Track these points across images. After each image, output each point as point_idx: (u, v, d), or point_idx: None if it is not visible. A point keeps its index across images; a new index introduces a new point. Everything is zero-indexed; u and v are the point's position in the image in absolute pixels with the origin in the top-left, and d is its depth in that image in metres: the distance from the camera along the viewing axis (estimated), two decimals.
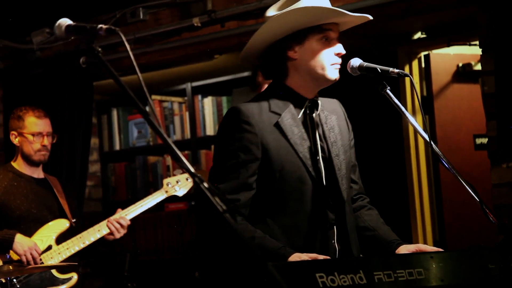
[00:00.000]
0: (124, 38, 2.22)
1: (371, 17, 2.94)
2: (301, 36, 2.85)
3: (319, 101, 2.94)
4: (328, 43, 2.85)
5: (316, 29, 2.84)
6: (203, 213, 2.87)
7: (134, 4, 5.14)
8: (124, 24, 5.20)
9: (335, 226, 2.89)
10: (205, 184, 2.03)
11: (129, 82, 2.41)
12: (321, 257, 2.66)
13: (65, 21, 2.31)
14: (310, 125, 2.90)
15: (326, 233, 2.88)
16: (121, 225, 4.34)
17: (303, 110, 2.89)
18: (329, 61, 2.85)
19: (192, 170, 2.05)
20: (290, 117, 2.87)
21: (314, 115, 2.92)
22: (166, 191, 4.49)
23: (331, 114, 3.01)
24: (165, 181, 4.51)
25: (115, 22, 5.17)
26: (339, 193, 2.91)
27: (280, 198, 2.84)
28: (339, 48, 2.87)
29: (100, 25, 2.28)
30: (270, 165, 2.81)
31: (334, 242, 2.89)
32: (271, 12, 2.90)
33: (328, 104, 3.03)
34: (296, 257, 2.67)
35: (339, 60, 2.87)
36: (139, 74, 2.29)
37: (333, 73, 2.86)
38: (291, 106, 2.88)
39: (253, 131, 2.81)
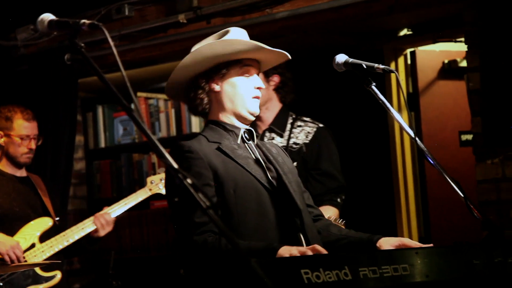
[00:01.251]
0: (107, 33, 2.20)
1: (289, 57, 3.05)
2: (223, 68, 2.96)
3: (253, 130, 3.04)
4: (247, 76, 2.97)
5: (237, 63, 2.95)
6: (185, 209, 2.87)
7: (120, 0, 5.11)
8: (110, 21, 5.18)
9: (300, 232, 2.92)
10: (189, 180, 2.02)
11: (114, 79, 2.40)
12: (309, 251, 2.67)
13: (47, 16, 2.29)
14: (250, 149, 3.00)
15: (296, 238, 2.91)
16: (107, 221, 4.33)
17: (239, 138, 2.99)
18: (249, 94, 2.96)
19: (176, 166, 2.04)
20: (230, 143, 2.96)
21: (252, 142, 3.02)
22: (150, 189, 4.48)
23: (271, 147, 3.11)
24: (149, 179, 4.50)
25: (100, 19, 5.13)
26: (293, 202, 2.95)
27: (240, 213, 2.87)
28: (259, 83, 2.98)
29: (83, 20, 2.26)
30: (223, 185, 2.87)
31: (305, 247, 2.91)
32: (196, 47, 3.04)
33: (266, 144, 3.14)
34: (286, 249, 2.68)
35: (259, 93, 2.99)
36: (123, 71, 2.28)
37: (253, 106, 2.97)
38: (227, 135, 2.98)
39: (199, 157, 2.87)
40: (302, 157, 4.05)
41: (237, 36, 2.99)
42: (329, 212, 3.99)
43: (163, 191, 4.47)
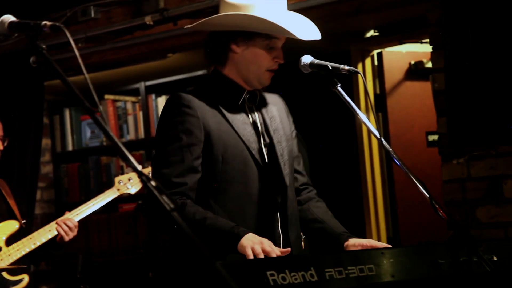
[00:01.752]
0: (68, 35, 2.18)
1: (319, 37, 2.99)
2: (249, 35, 2.86)
3: (257, 93, 2.96)
4: (271, 50, 2.89)
5: (265, 36, 2.86)
6: (151, 212, 2.86)
7: (85, 2, 5.08)
8: (75, 23, 5.14)
9: (278, 212, 2.91)
10: (152, 183, 2.00)
11: (81, 82, 2.37)
12: (273, 253, 2.66)
13: (8, 18, 2.26)
14: (250, 113, 2.94)
15: (272, 217, 2.90)
16: (69, 227, 4.25)
17: (242, 99, 2.92)
18: (266, 66, 2.89)
19: (139, 168, 2.02)
20: (231, 103, 2.90)
21: (253, 104, 2.95)
22: (118, 189, 4.43)
23: (272, 105, 3.04)
24: (117, 179, 4.45)
25: (66, 21, 5.10)
26: (281, 178, 2.93)
27: (224, 181, 2.84)
28: (280, 56, 2.91)
29: (44, 22, 2.23)
30: (213, 148, 2.82)
31: (278, 228, 2.90)
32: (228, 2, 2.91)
33: (268, 97, 3.06)
34: (249, 241, 2.66)
35: (276, 67, 2.92)
36: (85, 72, 2.25)
37: (266, 80, 2.91)
38: (231, 94, 2.91)
39: (195, 114, 2.81)
40: None
41: (272, 5, 2.86)
42: None
43: (132, 191, 4.43)
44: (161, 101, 5.99)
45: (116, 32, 5.06)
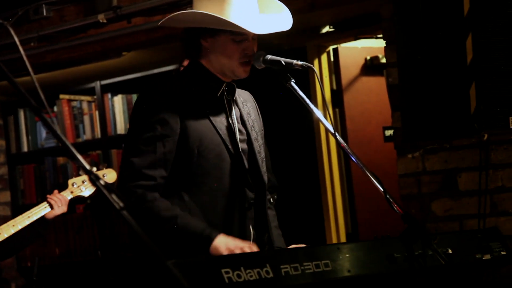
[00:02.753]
0: (12, 32, 2.13)
1: (288, 27, 3.00)
2: (213, 31, 2.85)
3: (235, 86, 2.95)
4: (239, 42, 2.86)
5: (228, 31, 2.84)
6: (100, 211, 2.82)
7: (37, 1, 5.00)
8: (28, 22, 5.06)
9: (253, 208, 2.89)
10: (101, 182, 1.97)
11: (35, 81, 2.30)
12: (246, 247, 2.65)
13: None
14: (228, 106, 2.91)
15: (244, 214, 2.88)
16: (60, 200, 4.22)
17: (220, 91, 2.90)
18: (237, 59, 2.86)
19: (87, 167, 1.98)
20: (209, 95, 2.87)
21: (231, 97, 2.93)
22: (72, 192, 4.37)
23: (246, 102, 3.03)
24: (70, 181, 4.38)
25: (18, 20, 5.02)
26: (259, 175, 2.92)
27: (198, 174, 2.81)
28: (249, 48, 2.88)
29: None
30: (189, 140, 2.79)
31: (250, 226, 2.88)
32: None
33: (241, 93, 3.06)
34: (222, 242, 2.67)
35: (246, 59, 2.88)
36: (32, 74, 2.19)
37: (241, 72, 2.88)
38: (209, 86, 2.89)
39: (172, 105, 2.78)
40: None
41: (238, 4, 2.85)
42: None
43: (86, 193, 4.38)
44: (117, 100, 5.93)
45: (69, 30, 4.99)
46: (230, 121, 2.89)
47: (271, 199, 3.16)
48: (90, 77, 5.94)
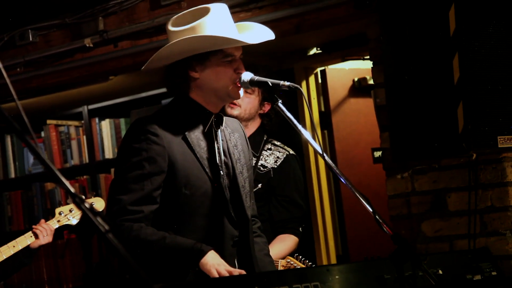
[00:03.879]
0: None
1: (272, 37, 2.99)
2: (203, 57, 2.85)
3: (223, 116, 2.94)
4: (229, 63, 2.87)
5: (218, 52, 2.85)
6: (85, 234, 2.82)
7: (23, 26, 4.98)
8: (13, 47, 5.04)
9: (238, 244, 2.87)
10: (86, 205, 1.94)
11: (23, 107, 2.28)
12: (236, 272, 2.63)
13: None
14: (216, 139, 2.90)
15: (231, 251, 2.85)
16: (45, 230, 4.18)
17: (209, 124, 2.89)
18: (230, 79, 2.86)
19: (72, 190, 1.96)
20: (197, 131, 2.86)
21: (219, 130, 2.92)
22: (58, 221, 4.33)
23: (234, 132, 3.02)
24: (57, 210, 4.34)
25: (4, 45, 5.00)
26: (243, 210, 2.91)
27: (185, 212, 2.81)
28: (240, 66, 2.89)
29: None
30: (176, 178, 2.78)
31: (236, 262, 2.86)
32: (172, 26, 2.87)
33: (230, 122, 3.05)
34: (213, 258, 2.67)
35: (239, 77, 2.88)
36: (16, 99, 2.17)
37: (236, 93, 2.88)
38: (197, 120, 2.88)
39: (161, 143, 2.77)
40: (268, 181, 4.02)
41: (218, 22, 2.84)
42: (290, 241, 4.01)
43: (73, 222, 4.33)
44: (105, 124, 5.91)
45: (56, 55, 4.98)
46: (217, 157, 2.88)
47: (261, 227, 3.14)
48: (77, 102, 5.92)
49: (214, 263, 2.67)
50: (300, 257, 3.79)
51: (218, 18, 2.86)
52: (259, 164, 4.06)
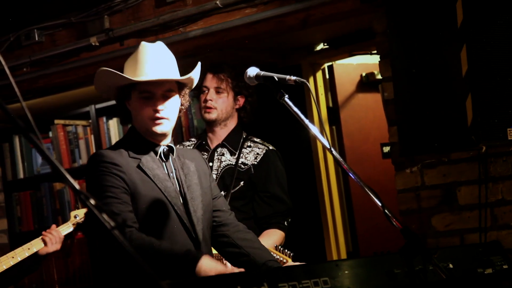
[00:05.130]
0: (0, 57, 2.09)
1: (190, 76, 3.09)
2: (127, 91, 3.01)
3: (174, 147, 3.06)
4: (147, 100, 2.97)
5: (136, 87, 2.98)
6: (92, 231, 2.85)
7: (29, 25, 4.98)
8: (19, 47, 5.04)
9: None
10: (92, 201, 1.93)
11: (29, 107, 2.30)
12: (229, 267, 2.64)
13: None
14: (168, 169, 3.02)
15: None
16: (55, 237, 4.18)
17: (158, 155, 3.01)
18: (148, 117, 2.98)
19: (77, 187, 1.94)
20: (150, 160, 2.98)
21: (170, 159, 3.04)
22: (74, 224, 4.33)
23: (190, 161, 3.13)
24: (73, 213, 4.34)
25: (10, 45, 4.99)
26: (195, 233, 2.99)
27: (150, 232, 2.88)
28: (158, 105, 2.97)
29: None
30: (138, 203, 2.89)
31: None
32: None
33: (187, 153, 3.18)
34: (208, 261, 2.73)
35: (160, 115, 2.99)
36: (21, 99, 2.15)
37: (156, 127, 2.99)
38: (148, 151, 3.01)
39: (120, 169, 2.90)
40: (250, 178, 4.04)
41: (143, 60, 3.00)
42: (276, 235, 4.02)
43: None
44: (112, 123, 5.90)
45: (62, 54, 4.97)
46: (172, 183, 3.00)
47: (242, 227, 3.21)
48: (85, 101, 5.90)
49: (211, 266, 2.72)
50: (280, 247, 3.77)
51: (142, 56, 3.02)
52: (240, 162, 4.07)
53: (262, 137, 4.32)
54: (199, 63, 3.15)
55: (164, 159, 3.01)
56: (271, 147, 4.18)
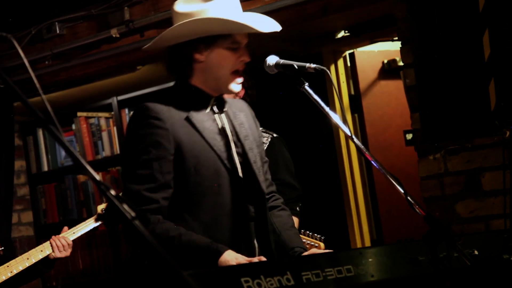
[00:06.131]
0: (16, 44, 2.10)
1: (279, 28, 2.92)
2: (211, 40, 2.81)
3: (224, 99, 2.92)
4: (235, 50, 2.83)
5: (226, 36, 2.81)
6: (113, 221, 2.81)
7: (50, 19, 5.00)
8: (41, 41, 5.06)
9: (255, 220, 2.86)
10: (112, 192, 1.93)
11: (51, 100, 2.28)
12: (256, 259, 2.61)
13: None
14: (219, 120, 2.88)
15: (247, 228, 2.84)
16: (63, 244, 4.19)
17: (209, 107, 2.86)
18: (232, 67, 2.82)
19: (98, 177, 1.94)
20: (200, 112, 2.83)
21: (222, 111, 2.89)
22: (98, 215, 4.34)
23: (238, 111, 2.98)
24: (100, 207, 4.35)
25: (31, 39, 5.02)
26: (258, 186, 2.88)
27: (197, 193, 2.77)
28: (245, 54, 2.85)
29: None
30: (185, 159, 2.74)
31: (254, 238, 2.84)
32: (181, 7, 2.84)
33: (234, 103, 3.02)
34: (231, 255, 2.62)
35: (242, 66, 2.85)
36: (41, 92, 2.15)
37: (235, 86, 2.85)
38: (198, 103, 2.85)
39: (164, 126, 2.73)
40: None
41: (228, 7, 2.81)
42: None
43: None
44: None
45: (83, 47, 4.98)
46: (222, 135, 2.85)
47: (280, 202, 3.12)
48: (107, 93, 5.93)
49: (232, 258, 2.63)
50: (308, 232, 3.73)
51: (228, 3, 2.84)
52: None
53: (284, 126, 4.31)
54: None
55: (216, 111, 2.88)
56: (275, 135, 4.16)
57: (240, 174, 2.85)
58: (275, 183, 4.00)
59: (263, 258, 2.70)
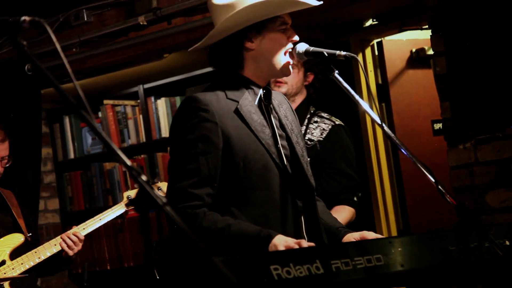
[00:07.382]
0: (49, 29, 2.10)
1: (319, 2, 2.92)
2: (261, 25, 2.78)
3: (271, 90, 2.89)
4: (285, 31, 2.82)
5: (275, 18, 2.79)
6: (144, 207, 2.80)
7: (78, 6, 5.00)
8: (69, 28, 5.07)
9: (303, 215, 2.83)
10: (143, 177, 1.92)
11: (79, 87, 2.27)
12: (305, 243, 2.59)
13: None
14: (267, 112, 2.85)
15: (296, 222, 2.82)
16: (73, 242, 4.18)
17: (258, 97, 2.83)
18: (285, 47, 2.82)
19: (128, 163, 1.94)
20: (249, 104, 2.80)
21: (269, 102, 2.87)
22: (126, 204, 4.34)
23: (281, 104, 2.96)
24: (125, 194, 4.34)
25: (59, 26, 5.03)
26: (306, 180, 2.86)
27: (246, 187, 2.74)
28: (294, 34, 2.85)
29: (23, 17, 2.15)
30: (233, 153, 2.72)
31: (303, 232, 2.82)
32: (216, 1, 2.82)
33: (275, 95, 2.99)
34: (281, 239, 2.60)
35: (291, 46, 2.85)
36: (74, 78, 2.15)
37: (287, 70, 2.84)
38: (247, 94, 2.82)
39: (212, 119, 2.71)
40: (316, 154, 3.98)
41: None
42: (345, 211, 4.00)
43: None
44: (161, 103, 5.92)
45: (110, 34, 4.99)
46: (270, 128, 2.82)
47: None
48: (133, 81, 5.93)
49: (281, 241, 2.61)
50: None
51: None
52: (306, 138, 4.01)
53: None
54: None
55: (265, 101, 2.85)
56: (337, 122, 4.13)
57: (289, 168, 2.82)
58: (330, 172, 3.99)
59: (312, 244, 2.67)
